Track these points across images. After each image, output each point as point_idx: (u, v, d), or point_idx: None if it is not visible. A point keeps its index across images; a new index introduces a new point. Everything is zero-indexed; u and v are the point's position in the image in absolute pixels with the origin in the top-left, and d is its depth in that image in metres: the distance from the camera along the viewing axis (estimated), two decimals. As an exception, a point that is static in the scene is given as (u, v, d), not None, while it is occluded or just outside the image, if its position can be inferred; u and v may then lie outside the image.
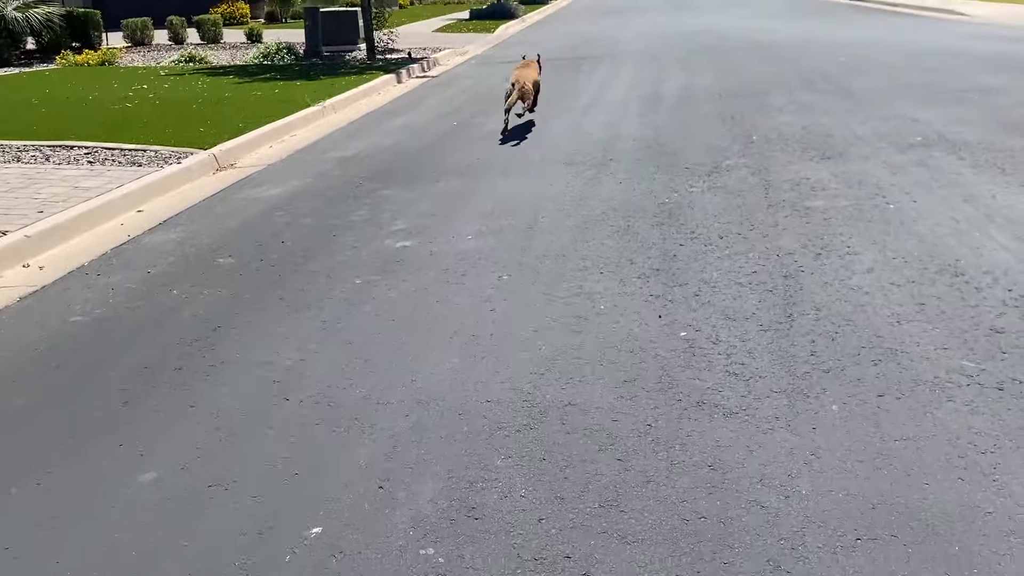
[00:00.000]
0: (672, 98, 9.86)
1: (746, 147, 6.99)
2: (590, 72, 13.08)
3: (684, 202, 5.53)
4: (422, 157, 7.55)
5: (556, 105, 10.07)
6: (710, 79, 11.18)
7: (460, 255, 4.78)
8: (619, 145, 7.48)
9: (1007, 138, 6.67)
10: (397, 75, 13.62)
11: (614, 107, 9.56)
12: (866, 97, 8.95)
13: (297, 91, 11.64)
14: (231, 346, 3.72)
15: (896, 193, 5.36)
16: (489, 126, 8.91)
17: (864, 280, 3.99)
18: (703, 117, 8.43)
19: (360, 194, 6.36)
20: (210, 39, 19.89)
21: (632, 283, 4.16)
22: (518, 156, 7.33)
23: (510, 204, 5.78)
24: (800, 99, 9.11)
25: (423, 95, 11.98)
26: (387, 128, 9.30)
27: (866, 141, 6.87)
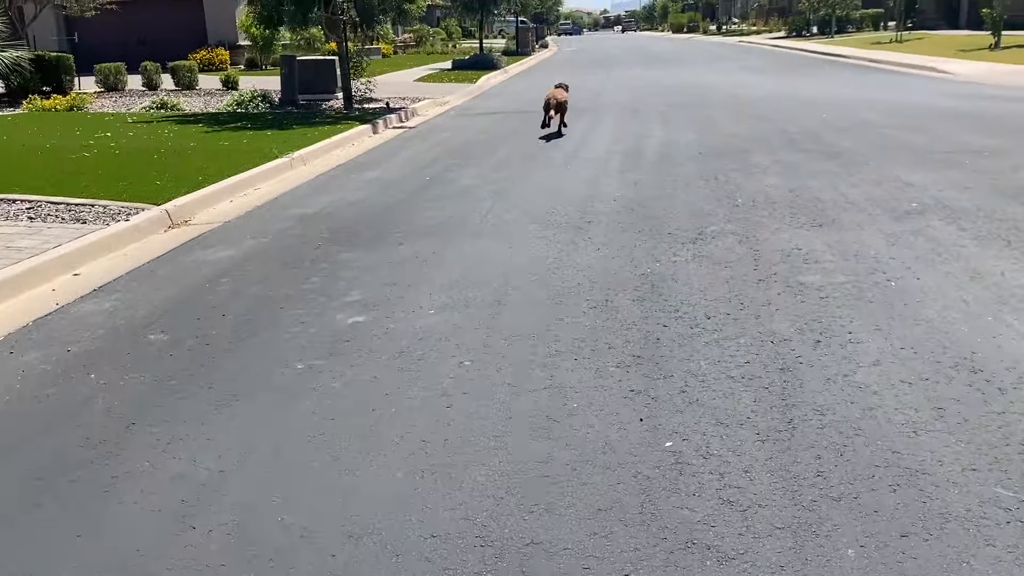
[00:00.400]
0: (653, 155, 9.51)
1: (731, 211, 6.59)
2: (571, 125, 12.75)
3: (667, 273, 5.08)
4: (389, 215, 7.09)
5: (535, 159, 9.69)
6: (692, 136, 10.86)
7: (419, 334, 4.29)
8: (598, 206, 7.06)
9: (1007, 206, 6.31)
10: (373, 126, 13.25)
11: (594, 163, 9.19)
12: (854, 158, 8.62)
13: (267, 141, 11.21)
14: (142, 452, 3.18)
15: (896, 268, 4.93)
16: (463, 181, 8.49)
17: (871, 376, 3.52)
18: (686, 177, 8.05)
19: (317, 257, 5.87)
20: (185, 85, 19.52)
21: (610, 374, 3.67)
22: (491, 215, 6.89)
23: (479, 272, 5.31)
24: (785, 159, 8.76)
25: (398, 147, 11.59)
26: (356, 182, 8.86)
27: (858, 207, 6.48)
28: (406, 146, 11.58)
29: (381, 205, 7.55)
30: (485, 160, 9.85)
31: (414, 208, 7.34)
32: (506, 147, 10.88)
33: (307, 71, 16.96)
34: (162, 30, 27.79)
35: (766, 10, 68.69)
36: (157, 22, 27.90)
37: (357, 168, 9.81)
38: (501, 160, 9.79)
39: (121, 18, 22.94)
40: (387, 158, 10.54)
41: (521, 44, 43.10)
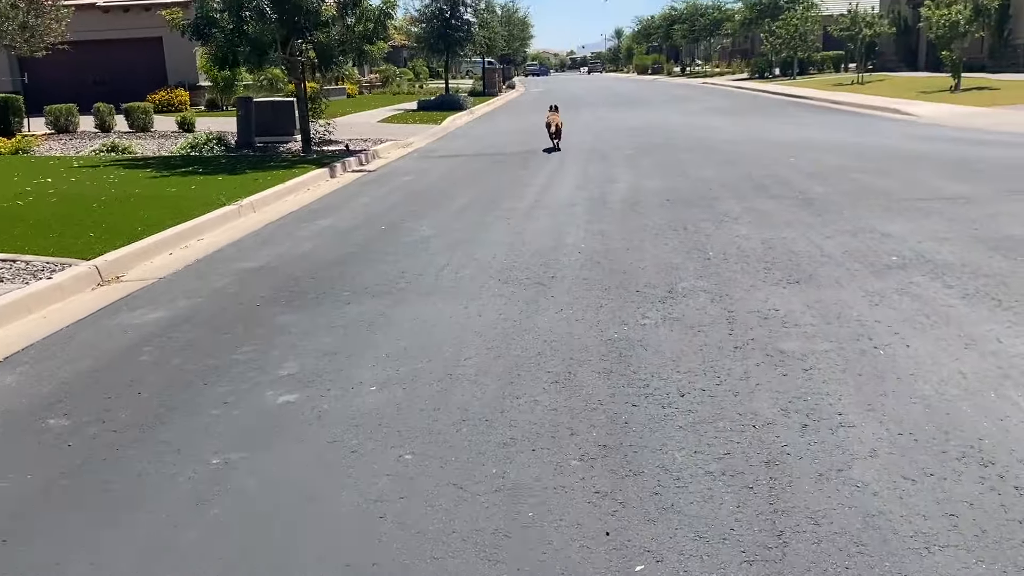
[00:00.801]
0: (620, 202, 9.14)
1: (703, 266, 6.19)
2: (535, 170, 12.41)
3: (636, 339, 4.64)
4: (338, 270, 6.60)
5: (498, 206, 9.28)
6: (658, 181, 10.53)
7: (356, 417, 3.78)
8: (562, 259, 6.64)
9: (989, 259, 5.98)
10: (330, 169, 12.79)
11: (559, 211, 8.79)
12: (826, 205, 8.31)
13: (217, 187, 10.70)
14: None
15: (883, 333, 4.53)
16: (420, 231, 8.04)
17: (869, 471, 3.08)
18: (654, 227, 7.66)
19: (254, 321, 5.35)
20: (139, 127, 18.95)
21: (572, 470, 3.19)
22: (448, 269, 6.42)
23: (429, 338, 4.83)
24: (756, 206, 8.43)
25: (355, 192, 11.13)
26: (307, 231, 8.36)
27: (836, 261, 6.12)
28: (364, 191, 11.12)
29: (330, 258, 7.06)
30: (445, 207, 9.42)
31: (366, 262, 6.85)
32: (468, 193, 10.47)
33: (264, 113, 16.51)
34: (120, 70, 27.19)
35: (729, 52, 69.77)
36: (115, 62, 27.31)
37: (310, 216, 9.32)
38: (462, 207, 9.36)
39: (75, 58, 22.30)
40: (342, 204, 10.07)
41: (488, 85, 43.11)
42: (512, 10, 53.27)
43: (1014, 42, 31.23)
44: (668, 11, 71.04)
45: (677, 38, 69.59)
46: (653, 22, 79.47)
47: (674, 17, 68.68)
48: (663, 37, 76.09)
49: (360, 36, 14.41)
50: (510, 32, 51.92)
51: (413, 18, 30.44)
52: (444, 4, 29.46)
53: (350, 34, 14.36)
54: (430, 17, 29.62)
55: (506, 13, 52.15)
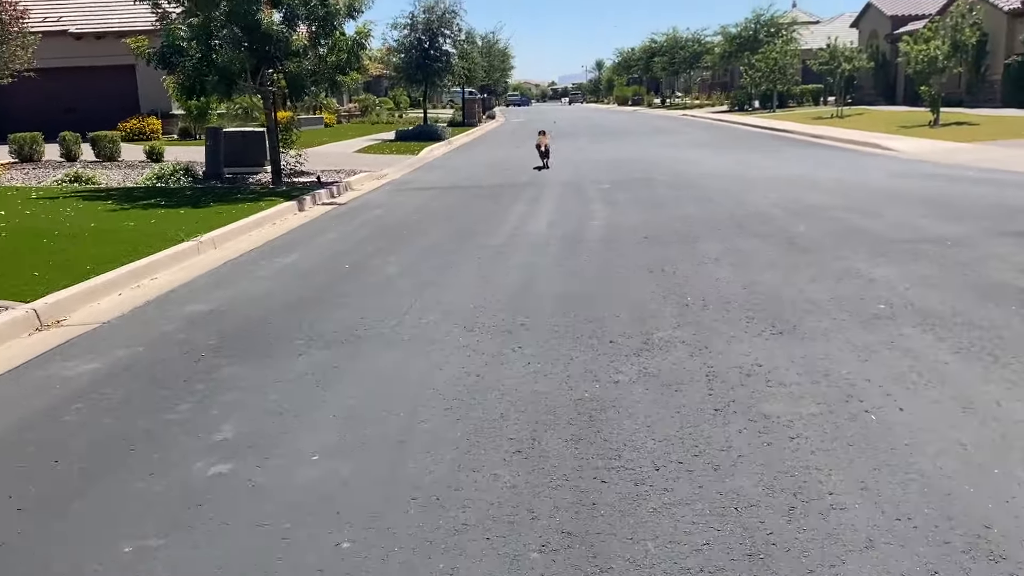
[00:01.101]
0: (595, 240, 8.81)
1: (681, 312, 5.84)
2: (510, 203, 12.10)
3: (608, 399, 4.27)
4: (294, 315, 6.20)
5: (468, 243, 8.92)
6: (636, 218, 10.24)
7: (293, 494, 3.38)
8: (533, 303, 6.28)
9: (982, 307, 5.68)
10: (299, 202, 12.41)
11: (532, 249, 8.45)
12: (809, 246, 8.02)
13: (178, 221, 10.28)
14: None
15: (874, 395, 4.19)
16: (386, 270, 7.66)
17: (865, 567, 2.71)
18: (630, 268, 7.33)
19: (196, 374, 4.93)
20: (106, 156, 18.50)
21: (530, 564, 2.80)
22: (411, 315, 6.04)
23: (384, 396, 4.44)
24: (736, 246, 8.13)
25: (323, 227, 10.75)
26: (267, 270, 7.96)
27: (822, 308, 5.79)
28: (332, 226, 10.74)
29: (288, 301, 6.66)
30: (415, 243, 9.06)
31: (325, 305, 6.46)
32: (440, 228, 10.12)
33: (234, 143, 16.12)
34: (91, 98, 26.76)
35: (709, 84, 70.38)
36: (87, 90, 26.89)
37: (272, 252, 8.92)
38: (432, 244, 9.00)
39: (45, 85, 21.91)
40: (308, 240, 9.68)
41: (468, 115, 42.97)
42: (493, 41, 53.24)
43: (991, 77, 31.54)
44: (648, 43, 71.63)
45: (657, 70, 70.12)
46: (633, 54, 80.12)
47: (654, 49, 69.23)
48: (643, 69, 76.67)
49: (333, 66, 14.10)
50: (490, 63, 51.87)
51: (392, 48, 30.28)
52: (423, 34, 29.32)
53: (323, 64, 14.05)
54: (408, 47, 29.46)
55: (487, 44, 52.16)
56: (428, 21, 29.29)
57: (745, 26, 49.12)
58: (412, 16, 29.52)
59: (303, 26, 14.00)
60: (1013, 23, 30.74)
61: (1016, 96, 29.58)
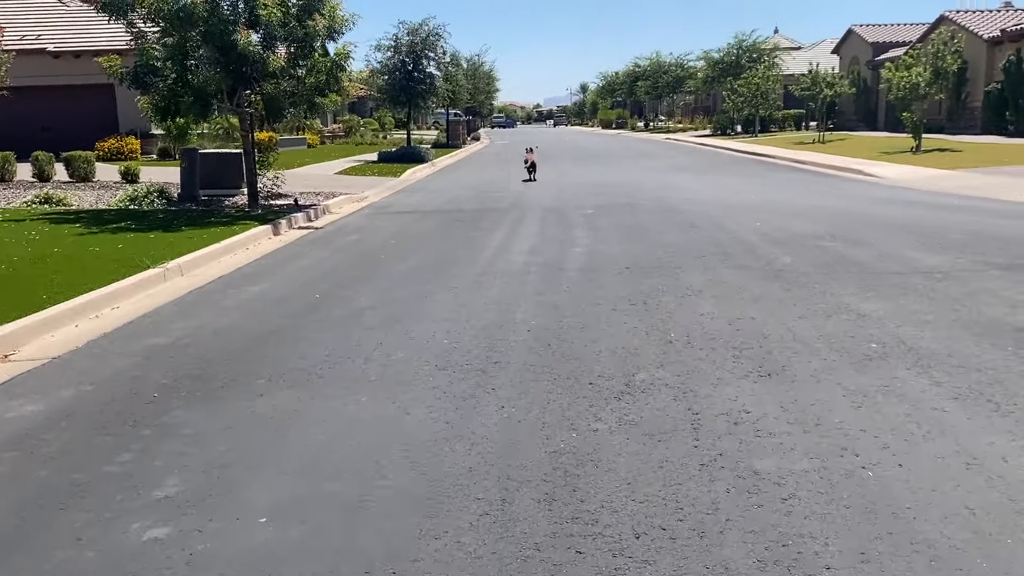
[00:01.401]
0: (577, 269, 8.54)
1: (664, 351, 5.56)
2: (491, 229, 11.82)
3: (585, 451, 3.96)
4: (257, 350, 5.87)
5: (445, 272, 8.62)
6: (618, 246, 9.98)
7: (233, 564, 3.04)
8: (510, 338, 5.98)
9: (978, 347, 5.43)
10: (274, 226, 12.09)
11: (510, 278, 8.16)
12: (795, 278, 7.77)
13: (147, 246, 9.93)
14: None
15: (870, 448, 3.91)
16: (358, 301, 7.34)
17: (872, 662, 2.42)
18: (611, 300, 7.05)
19: (145, 417, 4.59)
20: (80, 177, 18.09)
21: (492, 655, 2.49)
22: (380, 351, 5.72)
23: (345, 447, 4.11)
24: (721, 278, 7.87)
25: (297, 252, 10.42)
26: (234, 300, 7.62)
27: (811, 348, 5.53)
28: (306, 252, 10.42)
29: (252, 334, 6.32)
30: (390, 272, 8.75)
31: (290, 340, 6.13)
32: (417, 255, 9.82)
33: (211, 165, 15.80)
34: (68, 117, 26.36)
35: (691, 108, 70.74)
36: (65, 108, 26.49)
37: (242, 280, 8.58)
38: (407, 272, 8.70)
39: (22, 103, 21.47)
40: (280, 267, 9.35)
41: (452, 136, 42.87)
42: (478, 63, 53.38)
43: (971, 104, 31.72)
44: (632, 67, 71.97)
45: (641, 94, 70.42)
46: (617, 78, 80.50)
47: (638, 73, 69.56)
48: (627, 93, 77.02)
49: (312, 88, 13.83)
50: (475, 85, 51.90)
51: (375, 70, 30.10)
52: (407, 56, 29.16)
53: (301, 86, 13.77)
54: (392, 69, 29.28)
55: (472, 66, 52.23)
56: (412, 43, 29.15)
57: (727, 51, 49.40)
58: (396, 38, 29.40)
59: (282, 47, 13.74)
60: (992, 51, 30.97)
61: (996, 123, 29.74)
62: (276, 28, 12.84)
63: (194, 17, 12.34)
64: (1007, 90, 28.94)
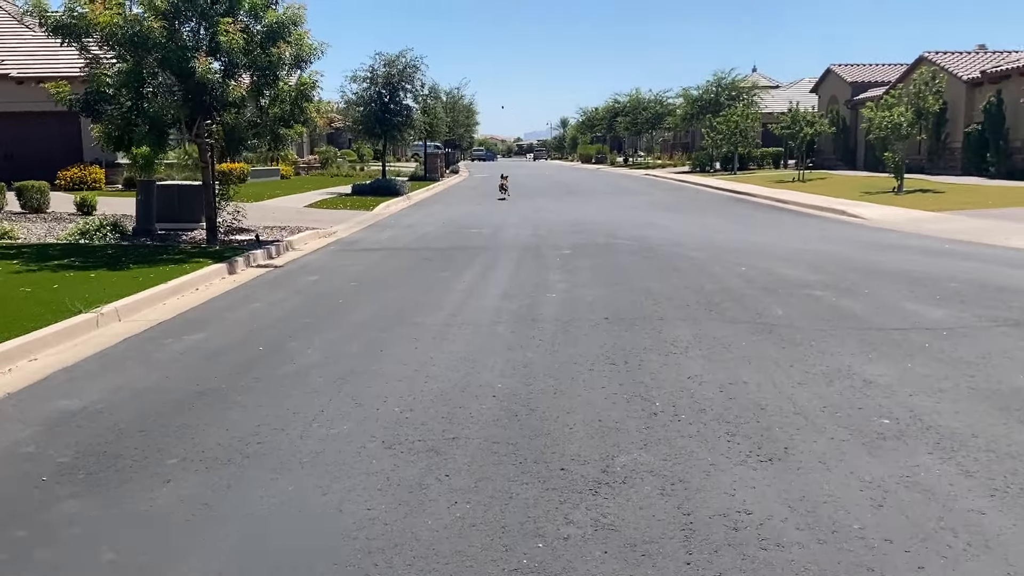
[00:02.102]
0: (551, 319, 7.82)
1: (648, 424, 4.84)
2: (461, 269, 11.11)
3: (554, 569, 3.22)
4: (179, 418, 5.08)
5: (409, 319, 7.88)
6: (597, 291, 9.29)
7: None
8: (472, 406, 5.23)
9: (1005, 426, 4.76)
10: (230, 264, 11.31)
11: (478, 329, 7.43)
12: (790, 333, 7.11)
13: (85, 287, 9.12)
14: None
15: (902, 567, 3.19)
16: (307, 355, 6.58)
17: None
18: (589, 359, 6.33)
19: (25, 511, 3.79)
20: (33, 208, 17.23)
21: None
22: (320, 422, 4.96)
23: (256, 557, 3.34)
24: (708, 332, 7.19)
25: (249, 294, 9.64)
26: (168, 352, 6.83)
27: (814, 423, 4.83)
28: (260, 294, 9.64)
29: (177, 398, 5.53)
30: (346, 319, 8.00)
31: (219, 406, 5.34)
32: (379, 299, 9.08)
33: (169, 197, 15.03)
34: (31, 144, 25.46)
35: (671, 145, 70.84)
36: (26, 136, 25.58)
37: (183, 327, 7.78)
38: (366, 320, 7.95)
39: (-22, 130, 20.68)
40: (228, 312, 8.57)
41: (430, 169, 42.29)
42: (457, 96, 53.00)
43: (951, 145, 31.62)
44: (612, 103, 72.11)
45: (620, 129, 70.49)
46: (597, 113, 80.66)
47: (617, 109, 69.67)
48: (607, 128, 77.13)
49: (276, 119, 13.13)
50: (454, 118, 51.47)
51: (351, 101, 29.50)
52: (383, 88, 28.58)
53: (264, 116, 13.07)
54: (368, 101, 28.68)
55: (451, 99, 51.84)
56: (389, 75, 28.61)
57: (707, 89, 49.40)
58: (372, 69, 28.83)
59: (246, 76, 13.06)
60: (972, 92, 30.93)
61: (976, 164, 29.60)
62: (238, 55, 12.16)
63: (150, 42, 11.64)
64: (987, 131, 28.83)
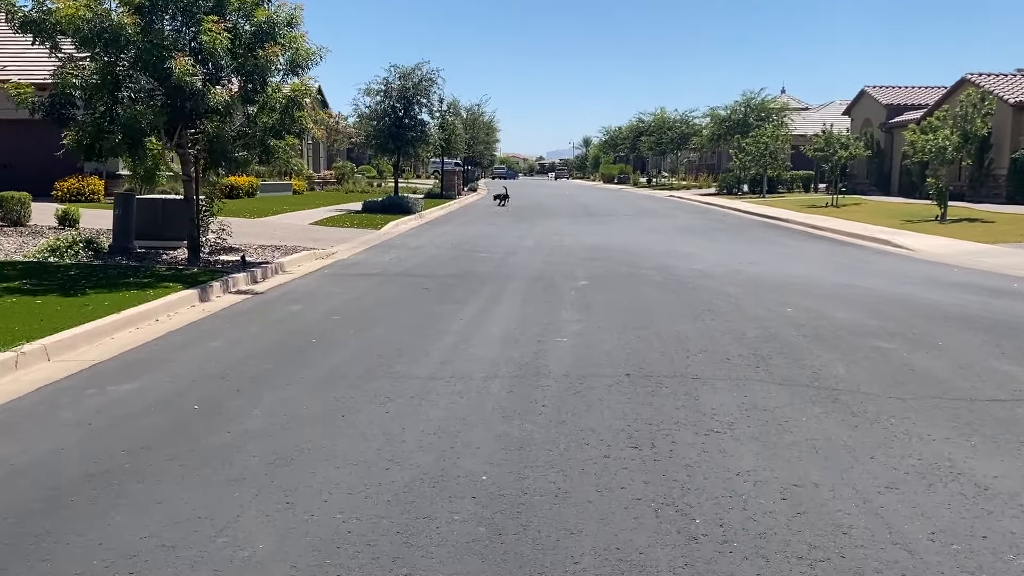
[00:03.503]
0: (559, 375, 6.40)
1: (687, 562, 3.40)
2: (461, 303, 9.73)
3: None
4: (38, 524, 3.71)
5: (383, 370, 6.47)
6: (616, 335, 7.86)
7: None
8: (441, 516, 3.83)
9: None
10: (203, 291, 9.99)
11: (468, 387, 6.03)
12: (860, 404, 5.64)
13: (22, 316, 7.83)
14: None
15: None
16: (248, 420, 5.21)
17: None
18: (605, 439, 4.90)
19: None
20: (13, 220, 16.07)
21: None
22: (226, 537, 3.57)
23: None
24: (759, 400, 5.74)
25: (214, 329, 8.31)
26: (78, 410, 5.48)
27: (926, 561, 3.37)
28: (225, 329, 8.30)
29: (55, 486, 4.16)
30: (313, 365, 6.62)
31: (103, 501, 3.96)
32: (360, 338, 7.71)
33: (151, 212, 13.78)
34: (30, 153, 24.41)
35: (696, 166, 69.32)
36: (24, 145, 24.56)
37: (116, 373, 6.44)
38: (335, 368, 6.58)
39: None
40: (179, 352, 7.22)
41: (446, 187, 41.13)
42: (478, 113, 51.86)
43: (995, 171, 29.91)
44: (636, 123, 70.72)
45: (644, 149, 69.07)
46: (620, 132, 79.29)
47: (641, 129, 68.27)
48: (630, 148, 75.74)
49: (265, 129, 11.86)
50: (474, 135, 50.31)
51: (364, 115, 28.32)
52: (397, 102, 27.36)
53: (253, 125, 11.81)
54: (381, 115, 27.47)
55: (471, 115, 50.71)
56: (403, 88, 27.39)
57: (735, 109, 47.94)
58: (387, 82, 27.62)
59: (235, 81, 11.82)
60: (1019, 116, 29.26)
61: (1022, 192, 27.89)
62: (222, 57, 10.91)
63: (121, 39, 10.43)
64: (1035, 158, 27.14)
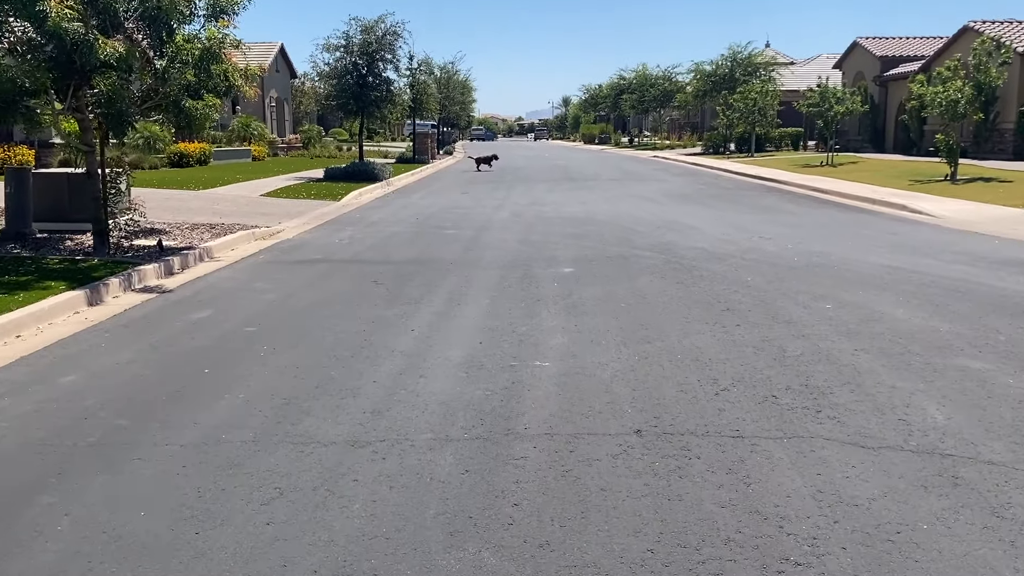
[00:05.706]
0: (540, 433, 4.45)
1: None
2: (415, 304, 7.75)
3: None
4: None
5: (286, 428, 4.44)
6: (614, 358, 5.92)
7: None
8: None
9: None
10: (94, 291, 7.97)
11: (405, 462, 4.08)
12: (996, 486, 3.76)
13: None
14: None
15: None
16: (53, 537, 3.24)
17: None
18: (608, 566, 2.99)
19: None
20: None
21: None
22: None
23: None
24: (839, 483, 3.85)
25: (85, 350, 6.31)
26: None
27: None
28: (97, 351, 6.29)
29: None
30: (186, 425, 4.63)
31: None
32: (270, 367, 5.73)
33: (54, 189, 11.65)
34: (-49, 120, 22.00)
35: (679, 124, 67.12)
36: (-56, 110, 22.14)
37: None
38: (221, 423, 4.60)
39: None
40: (14, 395, 5.22)
41: (419, 150, 38.77)
42: (452, 72, 49.32)
43: (1000, 126, 28.05)
44: (617, 80, 68.19)
45: (626, 108, 66.66)
46: (601, 91, 76.70)
47: (622, 87, 65.75)
48: (611, 107, 73.29)
49: (180, 87, 9.71)
50: (448, 94, 47.83)
51: (323, 73, 25.99)
52: (359, 59, 24.99)
53: (162, 83, 9.65)
54: (342, 73, 25.12)
55: (445, 74, 48.20)
56: (365, 43, 25.01)
57: (720, 64, 45.66)
58: (347, 36, 25.23)
59: (139, 34, 9.67)
60: (1027, 66, 27.35)
61: (1031, 147, 26.12)
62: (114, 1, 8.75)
63: (-22, -25, 8.25)
64: (1045, 110, 25.31)
